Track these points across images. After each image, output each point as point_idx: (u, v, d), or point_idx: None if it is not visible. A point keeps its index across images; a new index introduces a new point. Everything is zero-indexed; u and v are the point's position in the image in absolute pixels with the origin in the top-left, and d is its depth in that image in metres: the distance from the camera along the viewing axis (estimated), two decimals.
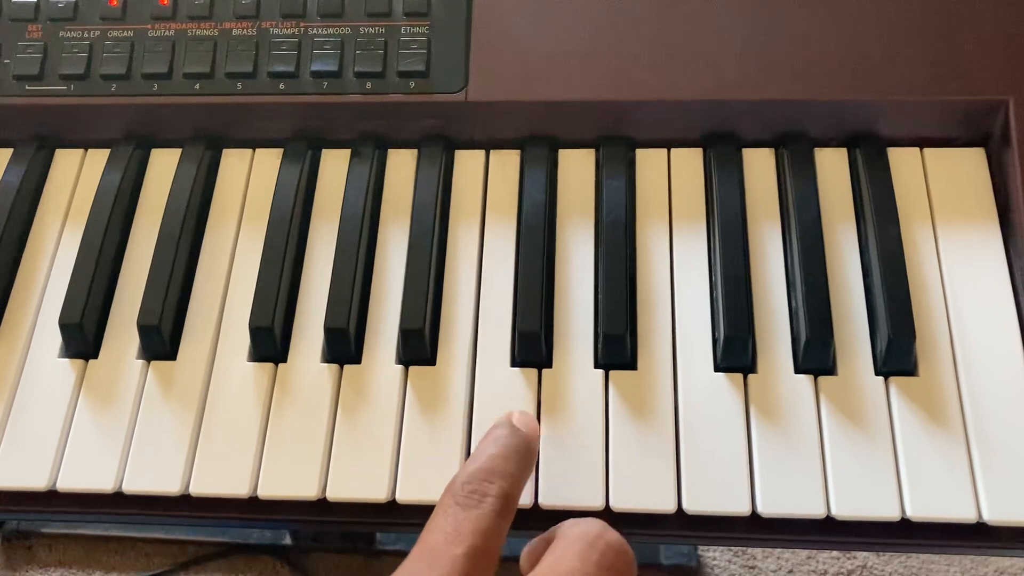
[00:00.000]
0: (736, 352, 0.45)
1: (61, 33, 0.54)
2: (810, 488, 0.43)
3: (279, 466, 0.45)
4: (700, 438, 0.44)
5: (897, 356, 0.45)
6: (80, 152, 0.56)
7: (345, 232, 0.50)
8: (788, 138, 0.51)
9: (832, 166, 0.51)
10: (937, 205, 0.50)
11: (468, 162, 0.53)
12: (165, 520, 0.46)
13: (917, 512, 0.42)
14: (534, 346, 0.46)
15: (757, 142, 0.52)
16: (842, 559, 1.10)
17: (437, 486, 0.44)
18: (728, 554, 1.11)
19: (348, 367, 0.47)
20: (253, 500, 0.45)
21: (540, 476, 0.44)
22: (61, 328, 0.48)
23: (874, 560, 1.09)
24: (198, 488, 0.45)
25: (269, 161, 0.54)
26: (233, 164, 0.54)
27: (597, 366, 0.47)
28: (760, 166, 0.52)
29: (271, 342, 0.47)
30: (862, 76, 0.50)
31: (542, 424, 0.45)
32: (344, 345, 0.47)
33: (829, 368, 0.46)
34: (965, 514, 0.42)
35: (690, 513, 0.43)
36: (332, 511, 0.45)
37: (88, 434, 0.47)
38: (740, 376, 0.46)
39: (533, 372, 0.47)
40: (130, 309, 0.50)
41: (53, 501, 0.46)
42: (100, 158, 0.55)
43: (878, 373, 0.45)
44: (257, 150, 0.55)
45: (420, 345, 0.47)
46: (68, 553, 1.16)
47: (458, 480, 0.38)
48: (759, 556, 1.11)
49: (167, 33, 0.54)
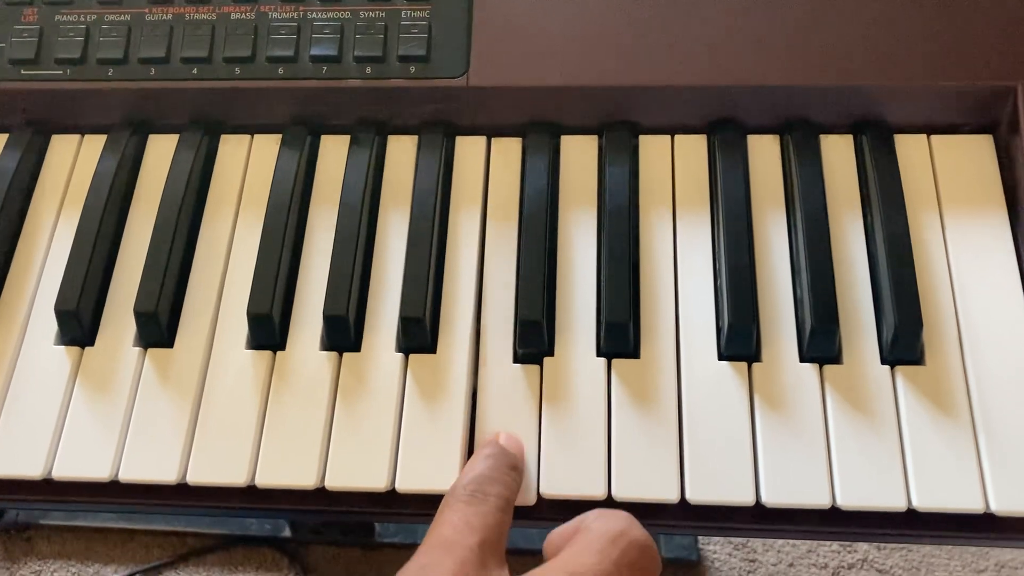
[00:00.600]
0: (740, 341, 0.45)
1: (57, 17, 0.54)
2: (815, 478, 0.42)
3: (277, 455, 0.45)
4: (703, 427, 0.44)
5: (904, 345, 0.44)
6: (76, 138, 0.55)
7: (344, 219, 0.49)
8: (793, 124, 0.51)
9: (838, 153, 0.51)
10: (944, 193, 0.49)
11: (469, 148, 0.53)
12: (162, 509, 0.46)
13: (923, 503, 0.41)
14: (536, 334, 0.46)
15: (762, 128, 0.51)
16: (843, 553, 1.09)
17: (437, 475, 0.43)
18: (728, 547, 1.10)
19: (347, 355, 0.47)
20: (251, 489, 0.45)
21: (542, 465, 0.44)
22: (57, 315, 0.48)
23: (875, 554, 1.09)
24: (195, 477, 0.44)
25: (268, 147, 0.54)
26: (231, 150, 0.54)
27: (600, 355, 0.46)
28: (765, 153, 0.51)
29: (269, 329, 0.47)
30: (868, 61, 0.49)
31: (543, 413, 0.45)
32: (343, 333, 0.47)
33: (834, 357, 0.45)
34: (972, 505, 0.41)
35: (693, 503, 0.42)
36: (331, 500, 0.45)
37: (84, 422, 0.46)
38: (744, 365, 0.45)
39: (535, 360, 0.46)
40: (127, 296, 0.49)
41: (49, 490, 0.46)
42: (97, 143, 0.54)
43: (884, 362, 0.45)
44: (255, 136, 0.54)
45: (420, 333, 0.46)
46: (67, 545, 1.16)
47: (460, 483, 0.40)
48: (759, 549, 1.10)
49: (164, 17, 0.53)
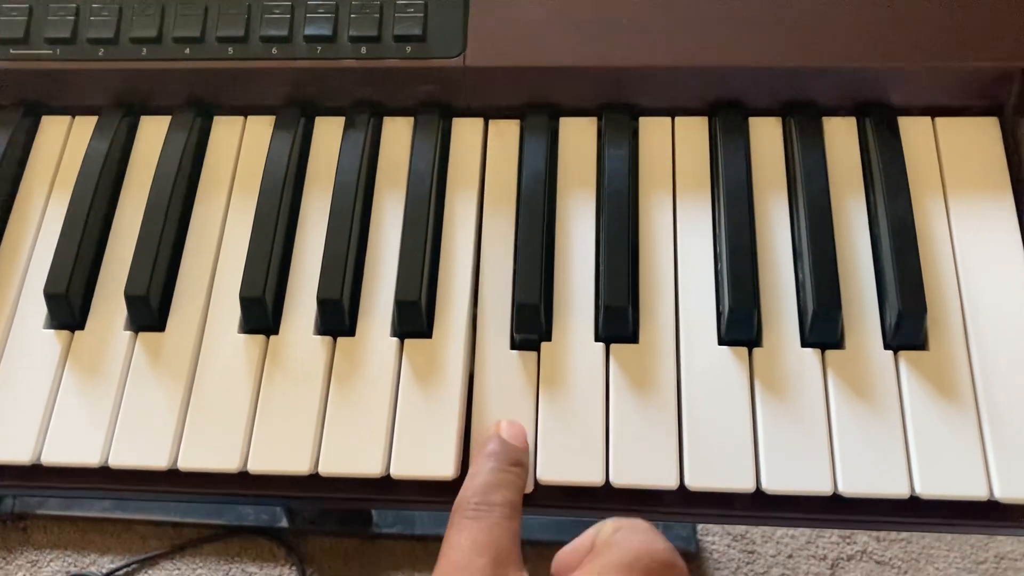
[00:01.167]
0: (741, 326, 0.44)
1: None
2: (816, 465, 0.42)
3: (270, 440, 0.44)
4: (703, 413, 0.43)
5: (907, 330, 0.44)
6: (67, 119, 0.54)
7: (339, 201, 0.49)
8: (796, 106, 0.50)
9: (841, 135, 0.50)
10: (949, 176, 0.48)
11: (466, 130, 0.52)
12: (153, 496, 0.45)
13: (926, 489, 0.41)
14: (533, 319, 0.45)
15: (764, 110, 0.51)
16: (842, 544, 1.09)
17: (432, 461, 0.43)
18: (727, 539, 1.10)
19: (341, 339, 0.46)
20: (243, 475, 0.44)
21: (539, 452, 0.43)
22: (46, 298, 0.47)
23: (874, 545, 1.09)
24: (186, 463, 0.44)
25: (261, 128, 0.53)
26: (224, 131, 0.53)
27: (598, 339, 0.45)
28: (767, 135, 0.50)
29: (262, 313, 0.46)
30: (872, 42, 0.48)
31: (541, 399, 0.44)
32: (337, 317, 0.46)
33: (836, 342, 0.44)
34: (976, 491, 0.41)
35: (692, 489, 0.42)
36: (324, 486, 0.44)
37: (74, 407, 0.45)
38: (745, 350, 0.44)
39: (533, 346, 0.45)
40: (118, 279, 0.48)
41: (38, 475, 0.45)
42: (87, 125, 0.53)
43: (887, 347, 0.44)
44: (249, 117, 0.53)
45: (416, 317, 0.46)
46: (63, 535, 1.16)
47: (464, 497, 0.40)
48: (758, 541, 1.10)
49: None
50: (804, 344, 0.44)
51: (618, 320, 0.45)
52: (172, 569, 1.13)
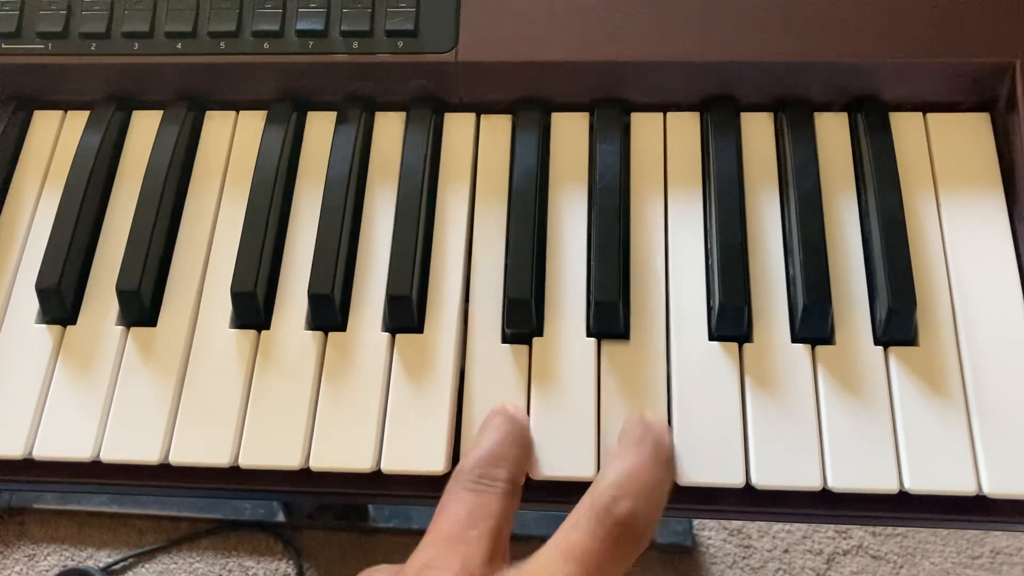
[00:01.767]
0: (732, 321, 0.44)
1: None
2: (806, 460, 0.42)
3: (261, 435, 0.44)
4: (693, 408, 0.43)
5: (897, 325, 0.43)
6: (59, 113, 0.54)
7: (330, 196, 0.48)
8: (787, 101, 0.50)
9: (832, 131, 0.50)
10: (940, 171, 0.48)
11: (458, 125, 0.52)
12: (145, 490, 0.45)
13: (916, 484, 0.41)
14: (525, 314, 0.45)
15: (755, 105, 0.51)
16: (837, 539, 1.09)
17: (423, 456, 0.43)
18: (723, 533, 1.10)
19: (333, 334, 0.46)
20: (235, 470, 0.44)
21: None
22: (38, 293, 0.47)
23: (870, 540, 1.09)
24: (178, 457, 0.44)
25: (253, 123, 0.53)
26: (216, 126, 0.53)
27: (589, 335, 0.45)
28: (758, 130, 0.50)
29: (254, 308, 0.46)
30: (864, 37, 0.48)
31: (532, 394, 0.44)
32: (329, 312, 0.46)
33: (827, 337, 0.44)
34: (965, 486, 0.41)
35: (682, 484, 0.42)
36: (316, 481, 0.44)
37: (66, 402, 0.45)
38: (735, 346, 0.44)
39: (524, 340, 0.45)
40: (109, 274, 0.48)
41: (30, 470, 0.45)
42: (80, 119, 0.53)
43: (877, 342, 0.44)
44: (241, 112, 0.53)
45: (407, 312, 0.46)
46: (61, 529, 1.16)
47: (466, 467, 0.39)
48: (754, 536, 1.10)
49: None
50: (794, 339, 0.44)
51: (609, 315, 0.45)
52: (169, 563, 1.13)
